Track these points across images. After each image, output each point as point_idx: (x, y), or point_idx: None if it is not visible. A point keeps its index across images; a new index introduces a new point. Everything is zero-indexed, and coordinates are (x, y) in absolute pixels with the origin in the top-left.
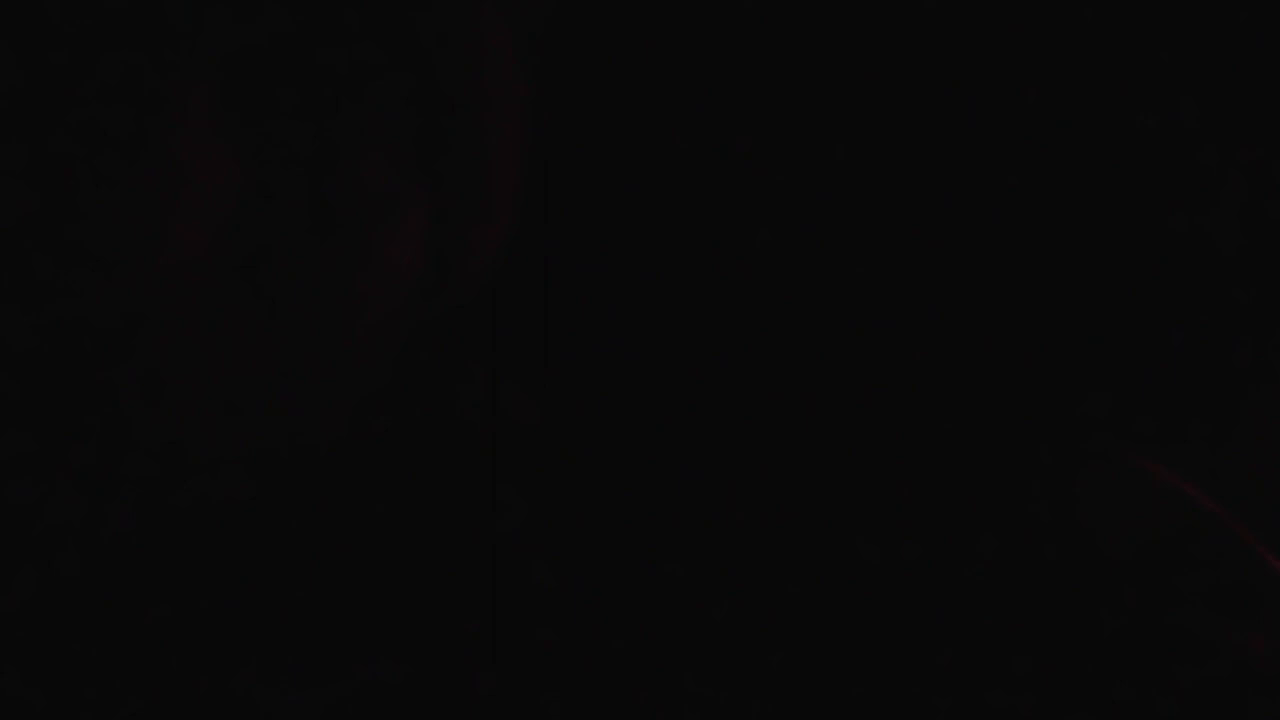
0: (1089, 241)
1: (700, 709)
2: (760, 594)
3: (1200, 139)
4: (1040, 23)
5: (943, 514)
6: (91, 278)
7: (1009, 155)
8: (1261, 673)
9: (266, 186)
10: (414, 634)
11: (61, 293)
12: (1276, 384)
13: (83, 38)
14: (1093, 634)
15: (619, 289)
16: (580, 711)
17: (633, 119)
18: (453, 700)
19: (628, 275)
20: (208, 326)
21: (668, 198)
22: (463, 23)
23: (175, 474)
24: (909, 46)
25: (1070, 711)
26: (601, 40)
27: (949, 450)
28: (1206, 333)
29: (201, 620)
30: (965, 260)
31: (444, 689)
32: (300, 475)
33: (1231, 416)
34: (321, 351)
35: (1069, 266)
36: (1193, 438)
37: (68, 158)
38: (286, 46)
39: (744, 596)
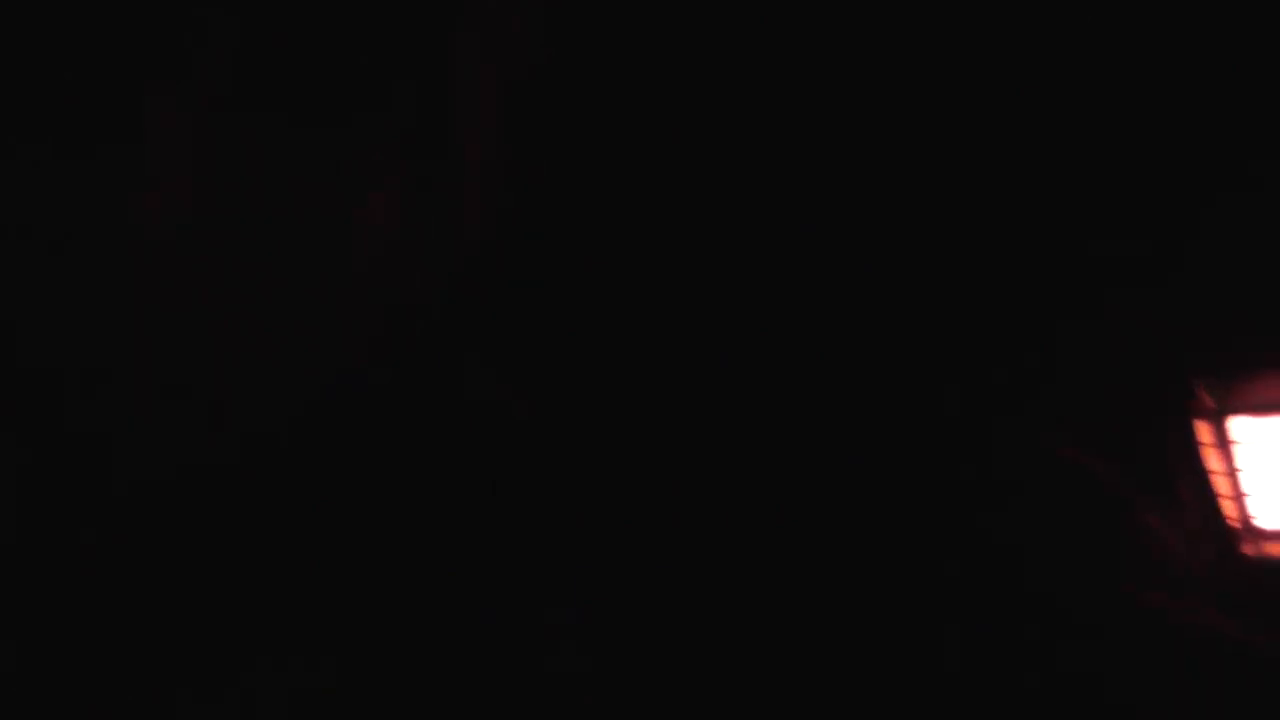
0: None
1: (700, 710)
2: (754, 596)
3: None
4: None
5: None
6: (65, 262)
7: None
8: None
9: (245, 166)
10: (412, 628)
11: (35, 278)
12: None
13: (72, 33)
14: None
15: (616, 287)
16: (579, 711)
17: (629, 118)
18: (452, 694)
19: (625, 274)
20: (186, 307)
21: (666, 197)
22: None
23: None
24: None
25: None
26: (596, 36)
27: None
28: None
29: (198, 614)
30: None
31: (442, 682)
32: (296, 471)
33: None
34: (303, 327)
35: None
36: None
37: (49, 146)
38: (271, 36)
39: (741, 597)
